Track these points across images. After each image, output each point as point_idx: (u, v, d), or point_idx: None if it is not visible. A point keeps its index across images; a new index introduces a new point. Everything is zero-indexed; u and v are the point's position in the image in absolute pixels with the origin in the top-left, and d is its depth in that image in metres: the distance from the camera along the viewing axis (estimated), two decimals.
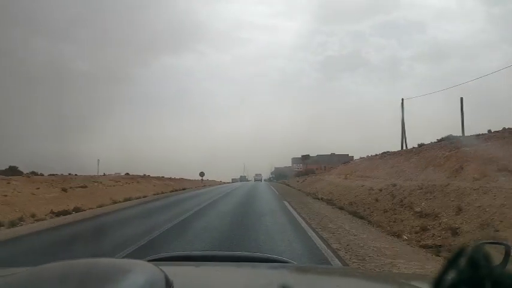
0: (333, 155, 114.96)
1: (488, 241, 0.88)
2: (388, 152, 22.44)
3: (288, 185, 46.34)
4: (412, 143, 25.60)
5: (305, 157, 67.22)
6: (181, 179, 52.76)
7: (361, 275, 2.31)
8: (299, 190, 32.39)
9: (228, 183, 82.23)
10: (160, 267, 1.07)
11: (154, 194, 28.68)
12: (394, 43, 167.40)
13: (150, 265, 1.10)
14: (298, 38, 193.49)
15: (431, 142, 17.68)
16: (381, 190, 15.88)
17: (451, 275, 0.60)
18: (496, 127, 16.20)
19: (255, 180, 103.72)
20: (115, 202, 21.19)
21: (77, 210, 16.90)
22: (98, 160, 42.91)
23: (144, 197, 25.68)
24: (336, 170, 34.14)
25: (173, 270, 1.14)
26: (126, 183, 30.41)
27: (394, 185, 15.33)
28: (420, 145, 18.35)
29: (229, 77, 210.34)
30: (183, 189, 38.20)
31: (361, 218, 11.86)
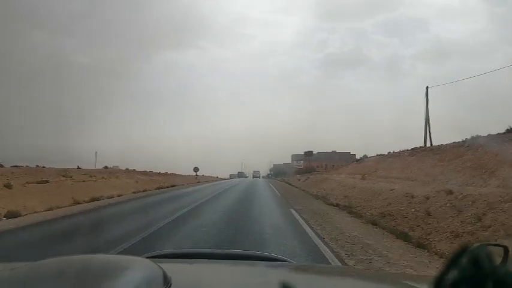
0: (334, 152, 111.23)
1: (487, 243, 0.75)
2: (421, 147, 17.94)
3: (290, 184, 41.86)
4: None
5: (308, 153, 62.48)
6: (173, 175, 48.28)
7: (359, 274, 2.15)
8: (303, 191, 28.00)
9: (225, 179, 78.37)
10: (158, 264, 1.07)
11: (134, 192, 24.23)
12: (396, 41, 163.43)
13: (148, 262, 1.11)
14: (300, 35, 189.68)
15: (494, 134, 13.25)
16: (428, 198, 11.43)
17: (452, 275, 0.59)
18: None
19: (253, 177, 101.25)
20: (77, 203, 16.75)
21: (12, 215, 12.48)
22: (96, 153, 43.48)
23: (119, 195, 21.24)
24: (346, 168, 29.74)
25: (171, 267, 1.14)
26: (103, 178, 25.93)
27: (450, 192, 10.89)
28: (475, 138, 13.91)
29: (230, 72, 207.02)
30: (172, 186, 33.68)
31: (421, 246, 7.44)
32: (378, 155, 25.73)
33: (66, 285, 0.93)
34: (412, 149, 18.98)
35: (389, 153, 21.91)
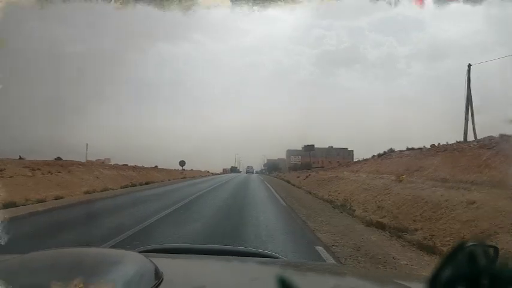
0: (330, 148, 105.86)
1: (478, 242, 0.71)
2: (495, 138, 12.04)
3: (289, 182, 35.93)
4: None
5: (308, 148, 56.32)
6: (156, 169, 42.14)
7: (352, 272, 2.17)
8: (310, 193, 22.10)
9: (218, 174, 72.84)
10: (150, 258, 1.05)
11: (86, 193, 18.10)
12: (392, 40, 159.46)
13: (140, 256, 1.09)
14: (295, 31, 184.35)
15: None
16: None
17: (447, 272, 0.59)
18: None
19: (247, 172, 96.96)
20: None
21: None
22: (87, 144, 40.05)
23: (58, 198, 15.12)
24: (364, 165, 23.83)
25: (164, 262, 1.12)
26: (49, 173, 19.74)
27: None
28: None
29: (225, 66, 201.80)
30: (146, 183, 27.57)
31: None
32: (407, 149, 19.80)
33: (57, 278, 0.89)
34: (481, 139, 13.12)
35: (433, 146, 16.02)
